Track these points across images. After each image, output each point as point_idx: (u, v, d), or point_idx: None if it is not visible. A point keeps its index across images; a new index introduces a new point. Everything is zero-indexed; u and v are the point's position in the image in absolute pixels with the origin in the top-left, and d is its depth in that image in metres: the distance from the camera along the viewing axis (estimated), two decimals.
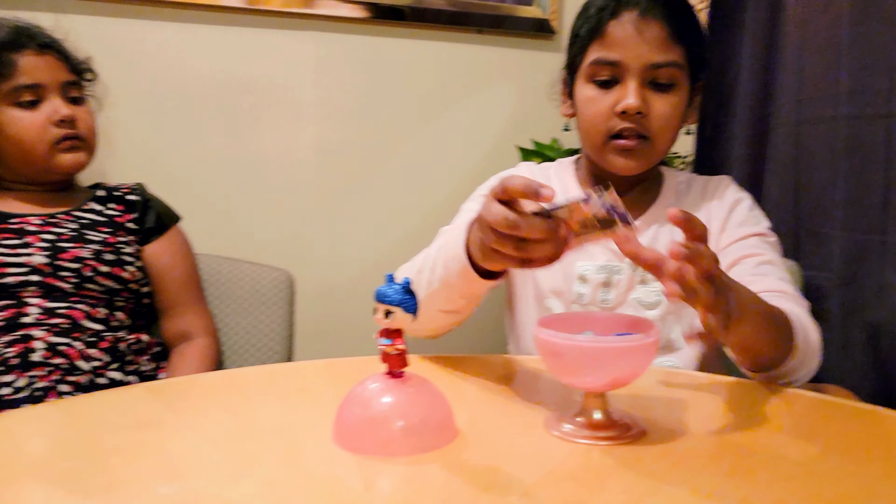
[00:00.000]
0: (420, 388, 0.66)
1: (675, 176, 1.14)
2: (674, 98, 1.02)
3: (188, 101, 1.58)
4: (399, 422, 0.63)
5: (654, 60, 0.99)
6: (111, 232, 1.23)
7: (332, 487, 0.57)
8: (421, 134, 1.77)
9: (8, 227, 1.15)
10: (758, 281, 0.95)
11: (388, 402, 0.64)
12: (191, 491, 0.56)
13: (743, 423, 0.72)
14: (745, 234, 1.03)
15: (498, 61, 1.79)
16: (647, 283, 1.04)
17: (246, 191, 1.65)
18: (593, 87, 1.02)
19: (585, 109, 1.04)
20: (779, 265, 1.00)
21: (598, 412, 0.67)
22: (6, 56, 1.17)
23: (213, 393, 0.83)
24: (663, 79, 1.00)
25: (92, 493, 0.56)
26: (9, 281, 1.11)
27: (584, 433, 0.66)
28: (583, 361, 0.63)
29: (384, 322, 0.62)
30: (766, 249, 1.02)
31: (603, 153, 1.04)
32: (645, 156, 1.03)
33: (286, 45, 1.63)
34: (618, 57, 0.99)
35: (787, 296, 0.93)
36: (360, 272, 1.73)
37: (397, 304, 0.61)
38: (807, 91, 1.35)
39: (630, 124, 1.00)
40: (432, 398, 0.66)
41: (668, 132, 1.04)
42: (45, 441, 0.68)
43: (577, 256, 1.07)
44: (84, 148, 1.25)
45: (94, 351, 1.12)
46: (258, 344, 1.39)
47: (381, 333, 0.63)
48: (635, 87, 0.99)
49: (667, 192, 1.11)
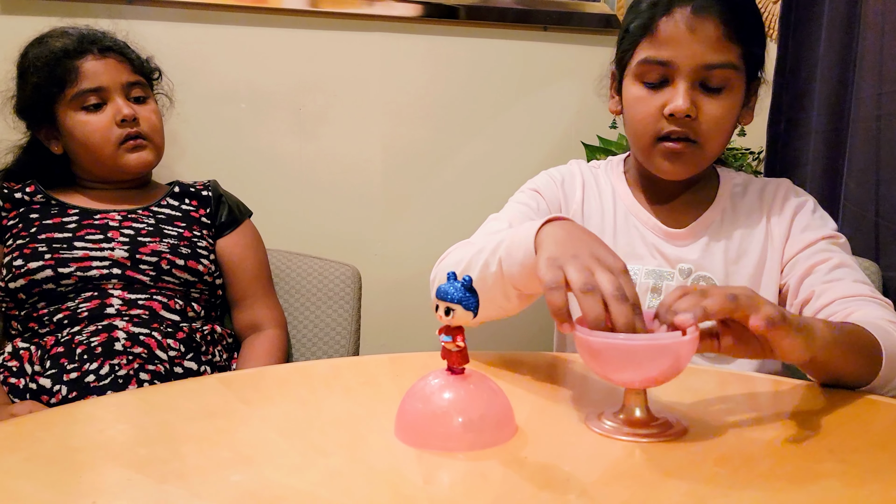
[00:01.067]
0: (480, 384, 0.66)
1: (732, 178, 1.09)
2: (726, 101, 0.96)
3: (258, 103, 1.63)
4: (459, 417, 0.63)
5: (708, 61, 0.93)
6: (186, 227, 1.28)
7: (392, 480, 0.58)
8: (486, 131, 1.77)
9: (93, 223, 1.22)
10: (832, 288, 0.92)
11: (448, 398, 0.64)
12: (259, 479, 0.58)
13: (803, 425, 0.69)
14: (812, 240, 0.99)
15: (564, 58, 1.78)
16: None
17: (314, 189, 1.69)
18: (642, 87, 0.98)
19: (633, 110, 1.00)
20: (852, 266, 0.96)
21: (639, 409, 0.67)
22: (69, 63, 1.22)
23: (282, 385, 0.85)
24: (716, 81, 0.95)
25: (167, 478, 0.59)
26: (93, 274, 1.17)
27: (625, 430, 0.66)
28: (618, 359, 0.63)
29: (445, 319, 0.62)
30: (836, 252, 0.97)
31: (650, 156, 1.00)
32: (693, 160, 0.98)
33: (351, 46, 1.66)
34: (668, 56, 0.94)
35: (865, 299, 0.89)
36: (425, 268, 1.74)
37: (457, 302, 0.61)
38: (887, 85, 1.29)
39: (678, 127, 0.95)
40: (492, 395, 0.67)
41: (719, 136, 0.98)
42: (124, 427, 0.71)
43: (625, 258, 1.03)
44: (149, 147, 1.29)
45: (172, 341, 1.17)
46: (325, 338, 1.42)
47: (442, 330, 0.64)
48: (685, 88, 0.94)
49: (722, 195, 1.06)
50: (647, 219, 1.05)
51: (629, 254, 1.04)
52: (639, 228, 1.05)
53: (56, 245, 1.18)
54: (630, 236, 1.05)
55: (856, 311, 0.87)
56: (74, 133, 1.24)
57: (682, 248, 1.03)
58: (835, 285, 0.92)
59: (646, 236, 1.04)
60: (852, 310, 0.88)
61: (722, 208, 1.05)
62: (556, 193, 1.08)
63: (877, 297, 0.90)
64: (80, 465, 0.62)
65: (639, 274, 1.02)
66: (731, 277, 1.01)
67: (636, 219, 1.06)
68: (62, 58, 1.22)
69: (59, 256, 1.17)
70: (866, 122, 1.34)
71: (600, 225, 1.06)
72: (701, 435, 0.66)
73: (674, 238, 1.03)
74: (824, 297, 0.92)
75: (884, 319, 0.85)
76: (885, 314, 0.86)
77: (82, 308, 1.16)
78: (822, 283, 0.93)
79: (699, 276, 1.01)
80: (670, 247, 1.03)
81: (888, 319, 0.85)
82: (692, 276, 1.01)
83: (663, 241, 1.04)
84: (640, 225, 1.05)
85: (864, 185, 1.35)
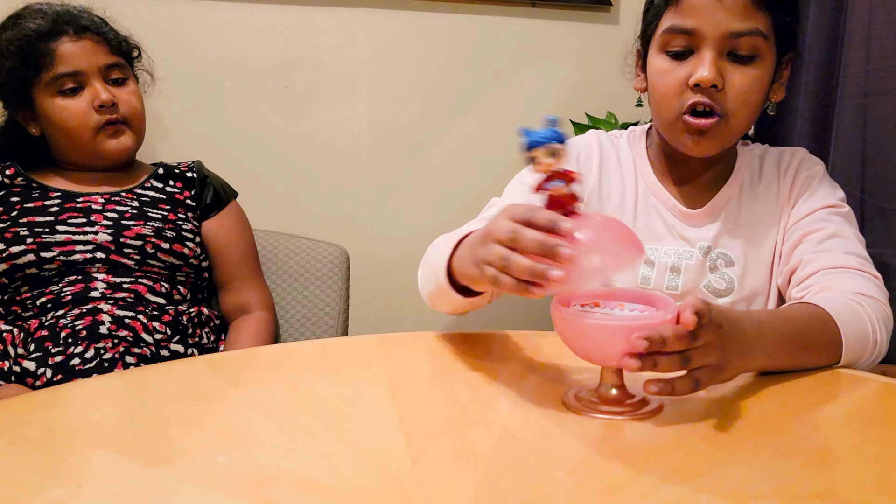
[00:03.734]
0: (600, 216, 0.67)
1: (750, 151, 1.07)
2: (755, 71, 0.92)
3: (243, 80, 1.61)
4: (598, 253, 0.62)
5: (734, 28, 0.90)
6: (171, 209, 1.27)
7: (380, 461, 0.58)
8: (475, 109, 1.76)
9: (75, 207, 1.20)
10: (819, 258, 0.91)
11: (590, 233, 0.62)
12: (247, 461, 0.58)
13: (786, 402, 0.70)
14: (812, 209, 0.98)
15: (552, 35, 1.77)
16: (718, 269, 1.00)
17: (301, 168, 1.68)
18: (666, 58, 0.95)
19: (657, 82, 0.97)
20: (846, 236, 0.94)
21: (614, 388, 0.67)
22: (44, 46, 1.19)
23: (270, 366, 0.85)
24: (744, 49, 0.91)
25: (154, 461, 0.58)
26: (77, 258, 1.16)
27: (601, 408, 0.66)
28: (592, 337, 0.63)
29: (550, 165, 0.62)
30: (834, 222, 0.95)
31: (674, 131, 0.97)
32: (719, 136, 0.95)
33: (340, 23, 1.64)
34: (693, 24, 0.91)
35: (848, 271, 0.88)
36: (414, 248, 1.73)
37: (559, 141, 0.61)
38: (875, 62, 1.29)
39: (704, 98, 0.92)
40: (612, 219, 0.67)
41: (747, 109, 0.94)
42: (110, 410, 0.71)
43: (645, 239, 1.03)
44: (128, 132, 1.26)
45: (157, 324, 1.16)
46: (314, 318, 1.42)
47: (552, 177, 0.62)
48: (711, 57, 0.91)
49: (739, 169, 1.05)
50: (667, 199, 1.04)
51: (648, 234, 1.03)
52: (658, 209, 1.04)
53: (38, 229, 1.16)
54: (650, 216, 1.04)
55: (833, 285, 0.87)
56: (51, 118, 1.22)
57: (700, 228, 1.02)
58: (822, 256, 0.91)
59: (665, 217, 1.04)
60: (830, 283, 0.87)
61: (739, 183, 1.03)
62: None
63: (864, 270, 0.89)
64: (65, 448, 0.61)
65: (658, 254, 1.02)
66: (749, 255, 1.00)
67: (656, 198, 1.05)
68: (36, 41, 1.19)
69: (42, 241, 1.15)
70: (853, 99, 1.34)
71: (620, 204, 1.05)
72: (679, 412, 0.66)
73: (691, 218, 1.03)
74: (809, 266, 0.92)
75: (856, 293, 0.84)
76: (862, 286, 0.85)
77: (66, 292, 1.14)
78: (811, 252, 0.93)
79: (718, 254, 1.01)
80: (689, 227, 1.03)
81: (860, 292, 0.84)
82: (711, 254, 1.01)
83: (682, 221, 1.03)
84: (660, 205, 1.04)
85: (851, 162, 1.35)
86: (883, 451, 0.59)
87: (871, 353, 0.82)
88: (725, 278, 1.00)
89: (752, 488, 0.53)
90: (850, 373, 0.78)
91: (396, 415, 0.67)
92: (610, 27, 1.79)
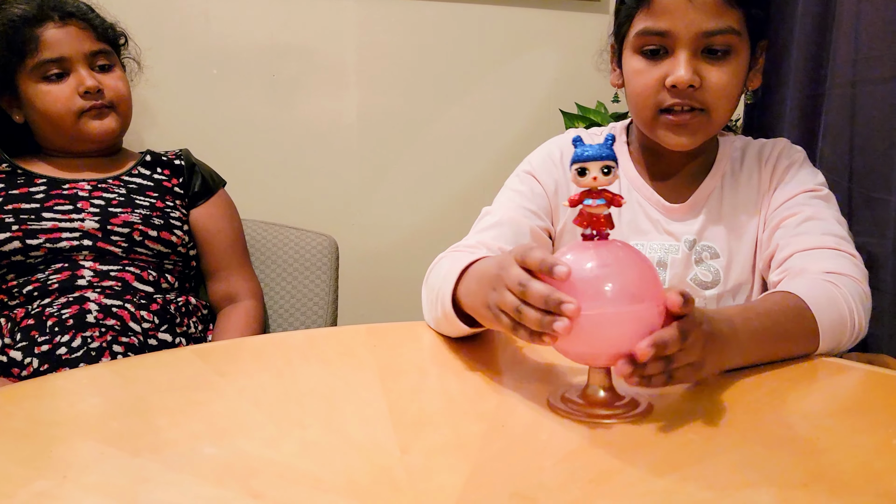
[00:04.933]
0: (624, 247, 0.63)
1: (731, 142, 1.06)
2: (731, 66, 0.93)
3: (231, 69, 1.60)
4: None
5: (707, 28, 0.90)
6: (159, 197, 1.26)
7: (369, 451, 0.58)
8: (464, 98, 1.75)
9: (61, 193, 1.19)
10: (794, 241, 0.91)
11: (616, 263, 0.60)
12: (235, 451, 0.58)
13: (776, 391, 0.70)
14: (791, 195, 0.97)
15: (541, 24, 1.76)
16: (704, 262, 1.00)
17: (290, 157, 1.67)
18: (641, 58, 0.94)
19: (633, 82, 0.96)
20: (824, 218, 0.93)
21: (602, 389, 0.64)
22: (29, 32, 1.17)
23: (258, 356, 0.85)
24: (718, 46, 0.91)
25: (140, 451, 0.58)
26: (63, 245, 1.15)
27: (589, 411, 0.63)
28: (574, 335, 0.58)
29: (600, 181, 0.59)
30: (812, 205, 0.95)
31: (653, 128, 0.97)
32: (701, 129, 0.95)
33: (328, 11, 1.63)
34: (666, 26, 0.91)
35: (824, 251, 0.87)
36: (403, 238, 1.74)
37: (613, 159, 0.59)
38: (863, 51, 1.29)
39: (681, 99, 0.92)
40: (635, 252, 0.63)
41: (726, 102, 0.95)
42: (97, 401, 0.70)
43: (630, 235, 1.03)
44: (112, 114, 1.25)
45: (145, 313, 1.15)
46: (302, 308, 1.41)
47: (593, 194, 0.60)
48: (686, 58, 0.90)
49: (720, 161, 1.04)
50: (650, 194, 1.03)
51: (634, 230, 1.03)
52: (642, 204, 1.04)
53: (23, 216, 1.15)
54: (634, 212, 1.04)
55: (809, 266, 0.86)
56: (35, 103, 1.20)
57: (684, 222, 1.02)
58: (798, 238, 0.90)
59: (649, 212, 1.03)
60: (805, 264, 0.87)
61: (721, 174, 1.03)
62: (554, 172, 1.05)
63: (839, 249, 0.88)
64: (51, 439, 0.61)
65: (644, 249, 1.01)
66: (733, 246, 1.00)
67: (639, 194, 1.04)
68: (21, 26, 1.17)
69: (27, 228, 1.14)
70: (842, 88, 1.34)
71: None
72: (668, 410, 0.65)
73: (675, 213, 1.02)
74: (786, 250, 0.91)
75: (830, 273, 0.83)
76: (836, 265, 0.84)
77: (52, 280, 1.13)
78: (788, 236, 0.92)
79: (703, 247, 1.01)
80: (673, 222, 1.02)
81: (834, 271, 0.83)
82: (696, 247, 1.00)
83: (665, 216, 1.03)
84: (644, 201, 1.04)
85: (838, 152, 1.35)
86: (870, 439, 0.59)
87: (851, 335, 0.81)
88: (711, 270, 1.00)
89: (741, 477, 0.53)
90: (837, 362, 0.78)
91: (385, 405, 0.67)
92: (600, 16, 1.78)
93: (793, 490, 0.51)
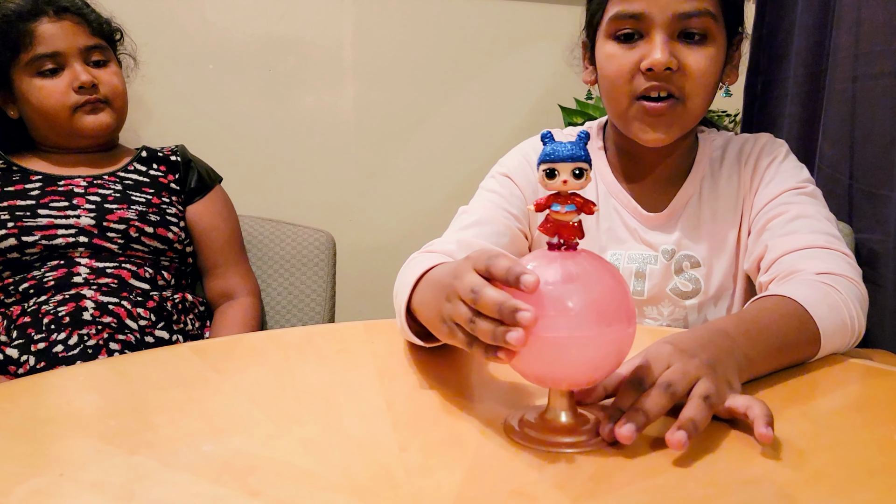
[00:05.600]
0: (594, 259, 0.56)
1: (711, 140, 1.02)
2: (709, 50, 0.89)
3: (227, 64, 1.59)
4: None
5: (682, 9, 0.87)
6: (155, 193, 1.25)
7: (368, 448, 0.58)
8: (462, 93, 1.75)
9: (57, 190, 1.18)
10: (782, 242, 0.87)
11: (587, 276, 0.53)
12: (232, 449, 0.57)
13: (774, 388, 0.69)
14: (775, 194, 0.93)
15: (540, 18, 1.75)
16: (685, 271, 0.97)
17: (286, 153, 1.66)
18: (615, 43, 0.91)
19: (607, 68, 0.92)
20: (812, 216, 0.90)
21: (564, 413, 0.57)
22: (23, 26, 1.17)
23: (255, 353, 0.84)
24: (695, 28, 0.88)
25: (137, 448, 0.57)
26: (59, 242, 1.14)
27: (549, 438, 0.56)
28: (531, 354, 0.52)
29: (571, 185, 0.52)
30: (798, 203, 0.91)
31: (627, 119, 0.92)
32: (677, 121, 0.91)
33: (325, 5, 1.62)
34: (640, 8, 0.87)
35: (814, 251, 0.84)
36: (402, 233, 1.73)
37: (586, 160, 0.52)
38: (864, 45, 1.28)
39: (658, 82, 0.88)
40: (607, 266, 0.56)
41: (704, 90, 0.91)
42: (93, 398, 0.70)
43: (608, 243, 1.00)
44: (107, 109, 1.24)
45: (142, 310, 1.15)
46: (300, 305, 1.41)
47: (562, 199, 0.53)
48: (662, 40, 0.87)
49: (700, 163, 1.00)
50: (627, 201, 1.00)
51: (611, 238, 1.00)
52: (619, 211, 1.01)
53: (19, 213, 1.14)
54: (611, 220, 1.00)
55: (800, 266, 0.82)
56: (30, 98, 1.20)
57: (662, 232, 0.99)
58: (787, 238, 0.87)
59: (626, 220, 1.00)
60: (797, 264, 0.83)
61: (700, 179, 1.00)
62: (531, 175, 1.02)
63: (831, 247, 0.85)
64: (47, 437, 0.60)
65: (621, 259, 0.99)
66: (714, 253, 0.98)
67: (616, 201, 1.01)
68: (15, 21, 1.17)
69: (23, 225, 1.13)
70: (842, 83, 1.33)
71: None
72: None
73: (652, 222, 0.99)
74: (775, 251, 0.88)
75: (826, 274, 0.79)
76: (830, 265, 0.81)
77: (48, 277, 1.13)
78: (777, 237, 0.89)
79: (684, 256, 0.98)
80: (650, 231, 0.99)
81: (829, 272, 0.80)
82: (676, 257, 0.98)
83: (643, 225, 1.00)
84: (621, 208, 1.01)
85: (839, 147, 1.35)
86: (871, 435, 0.59)
87: (850, 340, 0.78)
88: (692, 280, 0.97)
89: (741, 474, 0.52)
90: (838, 358, 0.78)
91: (384, 402, 0.67)
92: None
93: (794, 487, 0.50)
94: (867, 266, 1.23)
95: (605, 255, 1.00)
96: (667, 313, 0.99)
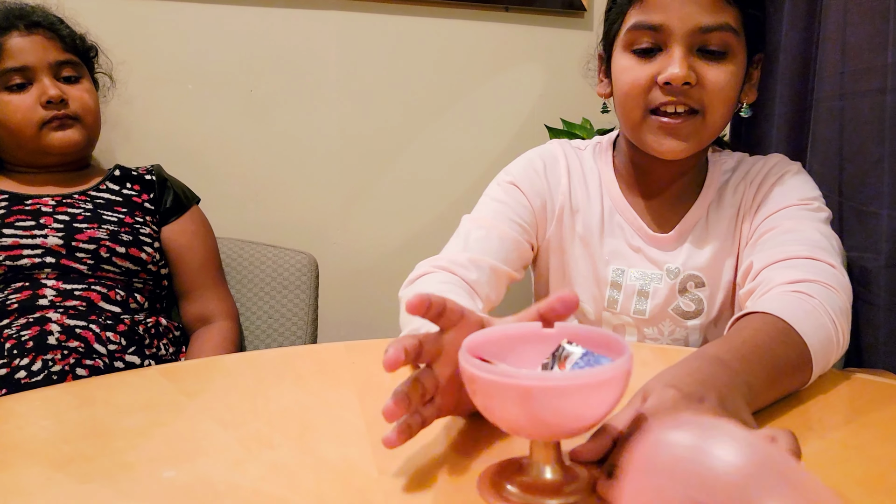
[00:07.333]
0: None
1: (722, 163, 0.99)
2: (728, 66, 0.87)
3: (207, 84, 1.55)
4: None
5: (703, 23, 0.84)
6: (128, 212, 1.21)
7: (344, 472, 0.53)
8: (447, 114, 1.72)
9: (23, 209, 1.14)
10: (765, 255, 0.83)
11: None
12: (196, 475, 0.53)
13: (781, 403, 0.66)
14: (773, 211, 0.90)
15: (526, 39, 1.74)
16: (689, 291, 0.95)
17: (268, 174, 1.62)
18: (632, 56, 0.89)
19: (622, 80, 0.90)
20: (802, 229, 0.85)
21: (548, 468, 0.48)
22: None
23: (229, 375, 0.79)
24: (714, 45, 0.86)
25: (91, 476, 0.53)
26: (24, 263, 1.09)
27: (530, 499, 0.47)
28: (504, 401, 0.45)
29: None
30: (796, 217, 0.87)
31: (641, 132, 0.90)
32: (695, 133, 0.88)
33: (308, 25, 1.60)
34: (660, 20, 0.85)
35: (791, 262, 0.79)
36: (386, 256, 1.69)
37: None
38: (850, 63, 1.27)
39: (674, 97, 0.86)
40: None
41: (723, 104, 0.88)
42: (49, 423, 0.65)
43: (611, 259, 0.97)
44: (76, 126, 1.20)
45: (111, 334, 1.09)
46: (281, 328, 1.36)
47: None
48: (681, 54, 0.85)
49: (709, 186, 0.97)
50: (634, 219, 0.98)
51: (615, 255, 0.97)
52: (624, 229, 0.98)
53: None
54: (615, 237, 0.98)
55: (776, 278, 0.78)
56: None
57: (669, 252, 0.96)
58: (769, 252, 0.83)
59: (631, 239, 0.98)
60: (771, 277, 0.78)
61: (708, 202, 0.97)
62: (538, 185, 0.99)
63: (813, 257, 0.79)
64: None
65: (624, 276, 0.96)
66: (718, 273, 0.95)
67: (622, 217, 0.98)
68: None
69: None
70: (829, 101, 1.32)
71: (587, 221, 0.99)
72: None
73: (658, 242, 0.97)
74: (756, 265, 0.84)
75: (795, 282, 0.75)
76: (807, 273, 0.75)
77: (12, 299, 1.07)
78: (763, 250, 0.85)
79: (688, 276, 0.95)
80: (656, 250, 0.97)
81: (800, 280, 0.75)
82: (680, 277, 0.95)
83: (648, 244, 0.97)
84: (627, 225, 0.98)
85: (828, 166, 1.33)
86: (882, 451, 0.56)
87: (837, 352, 0.72)
88: (695, 300, 0.95)
89: None
90: (845, 373, 0.74)
91: (363, 424, 0.62)
92: (584, 33, 1.77)
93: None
94: (859, 285, 1.20)
95: (608, 269, 0.97)
96: (667, 332, 0.97)
